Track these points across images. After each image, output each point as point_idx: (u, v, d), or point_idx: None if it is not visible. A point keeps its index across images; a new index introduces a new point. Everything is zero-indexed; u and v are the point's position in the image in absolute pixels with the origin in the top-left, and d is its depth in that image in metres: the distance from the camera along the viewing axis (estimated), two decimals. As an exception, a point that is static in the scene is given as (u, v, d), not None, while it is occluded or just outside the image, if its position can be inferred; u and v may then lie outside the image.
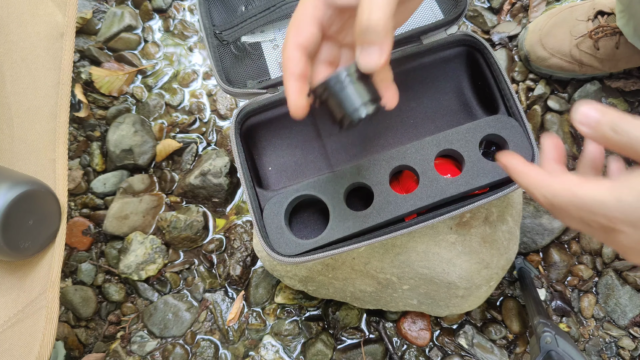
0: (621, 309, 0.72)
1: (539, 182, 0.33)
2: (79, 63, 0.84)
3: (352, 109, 0.34)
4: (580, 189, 0.30)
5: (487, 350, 0.71)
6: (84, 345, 0.74)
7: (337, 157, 0.55)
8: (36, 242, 0.50)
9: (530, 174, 0.34)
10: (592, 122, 0.30)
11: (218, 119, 0.82)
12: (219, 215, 0.78)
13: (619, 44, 0.70)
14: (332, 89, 0.34)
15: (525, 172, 0.34)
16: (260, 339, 0.73)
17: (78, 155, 0.80)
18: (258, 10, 0.54)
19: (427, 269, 0.61)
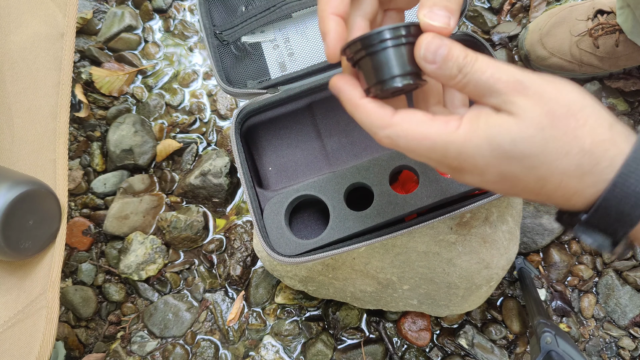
0: (621, 309, 0.72)
1: (381, 120, 0.30)
2: (79, 63, 0.84)
3: (389, 76, 0.30)
4: (430, 129, 0.29)
5: (488, 350, 0.71)
6: (84, 345, 0.74)
7: (337, 157, 0.55)
8: (36, 242, 0.50)
9: (368, 109, 0.31)
10: (439, 60, 0.28)
11: (218, 119, 0.82)
12: (219, 215, 0.78)
13: (618, 42, 0.70)
14: (373, 47, 0.29)
15: (361, 105, 0.31)
16: (260, 339, 0.73)
17: (78, 155, 0.80)
18: (258, 11, 0.54)
19: (427, 269, 0.61)
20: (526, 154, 0.28)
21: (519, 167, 0.28)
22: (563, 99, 0.28)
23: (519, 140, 0.27)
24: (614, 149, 0.27)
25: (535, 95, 0.27)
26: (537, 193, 0.29)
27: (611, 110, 0.77)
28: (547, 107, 0.27)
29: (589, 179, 0.28)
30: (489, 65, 0.28)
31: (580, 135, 0.27)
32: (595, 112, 0.28)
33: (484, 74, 0.28)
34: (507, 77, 0.28)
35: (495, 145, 0.28)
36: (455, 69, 0.28)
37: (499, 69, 0.28)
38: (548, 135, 0.27)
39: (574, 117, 0.27)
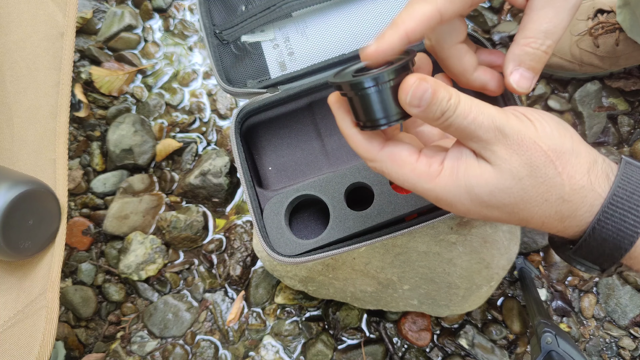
0: (621, 309, 0.72)
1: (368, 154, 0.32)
2: (79, 63, 0.84)
3: (375, 117, 0.31)
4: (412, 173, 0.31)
5: (488, 350, 0.71)
6: (84, 345, 0.74)
7: (337, 157, 0.55)
8: (36, 242, 0.50)
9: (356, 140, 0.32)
10: (424, 105, 0.29)
11: (218, 118, 0.82)
12: (219, 215, 0.78)
13: (618, 41, 0.70)
14: (360, 91, 0.31)
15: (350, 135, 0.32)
16: (260, 340, 0.73)
17: (78, 155, 0.80)
18: (258, 10, 0.54)
19: (428, 269, 0.61)
20: (505, 203, 0.29)
21: (499, 213, 0.30)
22: (542, 146, 0.28)
23: (497, 192, 0.29)
24: (591, 195, 0.28)
25: (514, 144, 0.28)
26: (524, 226, 0.31)
27: (611, 109, 0.77)
28: (525, 156, 0.28)
29: (570, 222, 0.29)
30: (471, 110, 0.29)
31: (559, 183, 0.28)
32: (574, 157, 0.29)
33: (466, 119, 0.29)
34: (488, 124, 0.28)
35: (474, 195, 0.29)
36: (439, 112, 0.29)
37: (481, 113, 0.29)
38: (526, 184, 0.28)
39: (552, 165, 0.28)
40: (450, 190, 0.30)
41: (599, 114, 0.77)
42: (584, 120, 0.76)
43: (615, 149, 0.77)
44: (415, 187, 0.31)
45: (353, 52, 0.53)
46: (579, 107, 0.77)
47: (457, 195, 0.30)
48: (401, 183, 0.31)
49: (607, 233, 0.28)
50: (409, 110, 0.30)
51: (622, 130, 0.77)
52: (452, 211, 0.31)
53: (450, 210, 0.31)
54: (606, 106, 0.77)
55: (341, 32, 0.54)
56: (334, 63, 0.53)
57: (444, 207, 0.31)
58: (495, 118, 0.29)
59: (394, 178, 0.31)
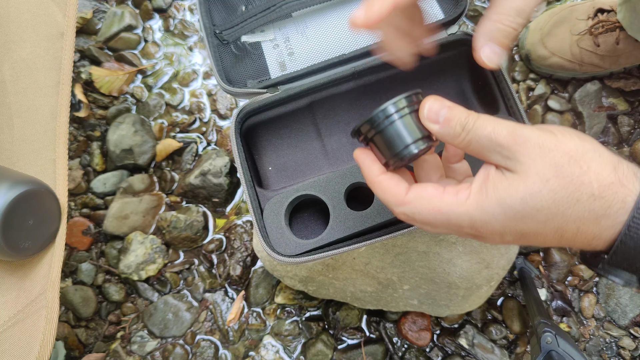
0: (622, 309, 0.72)
1: (396, 198, 0.32)
2: (79, 63, 0.84)
3: (403, 146, 0.31)
4: (442, 203, 0.30)
5: (488, 350, 0.71)
6: (84, 345, 0.74)
7: (337, 156, 0.55)
8: (36, 242, 0.50)
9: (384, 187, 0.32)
10: (442, 120, 0.30)
11: (218, 118, 0.82)
12: (219, 215, 0.78)
13: (619, 40, 0.70)
14: (381, 125, 0.31)
15: (377, 183, 0.33)
16: (260, 339, 0.73)
17: (78, 155, 0.80)
18: (258, 10, 0.54)
19: (428, 269, 0.61)
20: (538, 208, 0.28)
21: (534, 223, 0.29)
22: (563, 147, 0.28)
23: (528, 198, 0.28)
24: (622, 190, 0.28)
25: (536, 147, 0.28)
26: (558, 242, 0.30)
27: (611, 109, 0.77)
28: (549, 158, 0.28)
29: (605, 222, 0.28)
30: (490, 122, 0.29)
31: (587, 181, 0.28)
32: (597, 155, 0.28)
33: (485, 129, 0.29)
34: (507, 131, 0.29)
35: (507, 207, 0.29)
36: (459, 127, 0.30)
37: (499, 124, 0.29)
38: (555, 186, 0.28)
39: (577, 164, 0.28)
40: (483, 208, 0.29)
41: (599, 114, 0.77)
42: (584, 120, 0.76)
43: (615, 149, 0.77)
44: (448, 218, 0.30)
45: (353, 52, 0.53)
46: (579, 107, 0.77)
47: (491, 212, 0.29)
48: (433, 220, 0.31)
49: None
50: (430, 127, 0.31)
51: (622, 130, 0.77)
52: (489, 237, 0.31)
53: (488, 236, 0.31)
54: (606, 106, 0.77)
55: (341, 32, 0.54)
56: (334, 63, 0.53)
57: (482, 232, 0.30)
58: (514, 126, 0.29)
59: (424, 216, 0.31)
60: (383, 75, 0.55)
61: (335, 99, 0.55)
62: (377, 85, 0.55)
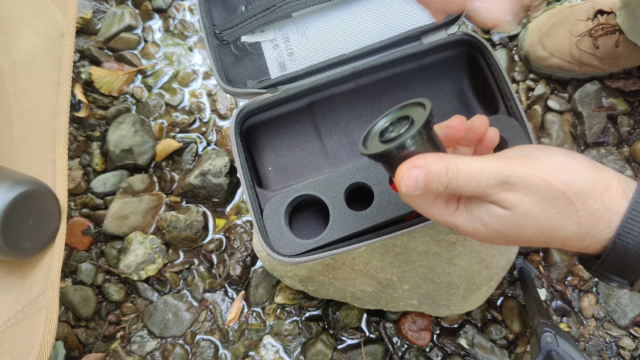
0: (621, 309, 0.72)
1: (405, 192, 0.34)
2: (79, 63, 0.84)
3: None
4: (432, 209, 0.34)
5: (488, 350, 0.71)
6: (84, 345, 0.74)
7: (337, 157, 0.55)
8: (36, 242, 0.50)
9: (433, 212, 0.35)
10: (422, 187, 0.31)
11: (218, 118, 0.82)
12: (219, 215, 0.78)
13: (618, 42, 0.70)
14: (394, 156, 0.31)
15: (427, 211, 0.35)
16: (260, 339, 0.73)
17: (78, 155, 0.80)
18: (258, 10, 0.54)
19: (428, 269, 0.61)
20: (521, 234, 0.31)
21: (519, 240, 0.32)
22: (552, 182, 0.29)
23: (511, 228, 0.31)
24: (607, 214, 0.29)
25: (523, 188, 0.30)
26: (545, 246, 0.33)
27: (611, 110, 0.77)
28: (537, 195, 0.29)
29: (590, 240, 0.30)
30: (474, 175, 0.30)
31: (573, 210, 0.30)
32: (585, 186, 0.30)
33: (470, 185, 0.30)
34: (494, 180, 0.30)
35: (491, 229, 0.31)
36: (441, 187, 0.31)
37: (483, 175, 0.30)
38: (540, 218, 0.30)
39: (564, 197, 0.29)
40: (468, 224, 0.32)
41: (598, 114, 0.77)
42: (584, 120, 0.77)
43: (615, 149, 0.77)
44: (437, 219, 0.34)
45: (353, 52, 0.53)
46: (578, 108, 0.77)
47: (475, 229, 0.32)
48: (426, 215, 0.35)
49: (628, 246, 0.29)
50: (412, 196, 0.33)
51: (621, 131, 0.77)
52: (475, 239, 0.34)
53: (474, 239, 0.34)
54: (606, 106, 0.77)
55: (341, 32, 0.54)
56: (334, 63, 0.53)
57: (468, 236, 0.34)
58: (498, 173, 0.30)
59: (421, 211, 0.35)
60: (383, 75, 0.55)
61: (335, 99, 0.55)
62: (377, 85, 0.55)
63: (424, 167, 0.30)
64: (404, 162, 0.31)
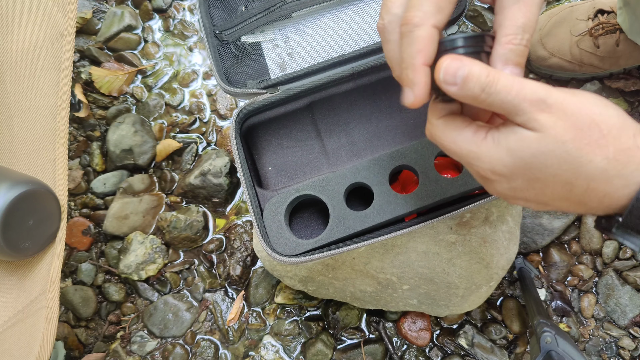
0: (621, 309, 0.72)
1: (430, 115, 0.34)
2: (79, 63, 0.84)
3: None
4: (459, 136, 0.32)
5: (487, 350, 0.71)
6: (84, 345, 0.74)
7: (337, 157, 0.55)
8: (36, 242, 0.50)
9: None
10: (460, 82, 0.29)
11: (218, 119, 0.82)
12: (219, 215, 0.78)
13: (619, 42, 0.70)
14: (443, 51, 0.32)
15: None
16: (260, 339, 0.73)
17: (78, 155, 0.80)
18: (258, 10, 0.54)
19: (427, 269, 0.61)
20: (547, 164, 0.29)
21: (542, 175, 0.30)
22: (586, 111, 0.29)
23: (539, 154, 0.29)
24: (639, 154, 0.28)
25: (559, 111, 0.28)
26: (567, 198, 0.30)
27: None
28: (570, 121, 0.28)
29: (618, 182, 0.29)
30: (513, 84, 0.29)
31: (604, 144, 0.28)
32: (619, 122, 0.29)
33: (509, 93, 0.29)
34: (531, 96, 0.29)
35: (517, 157, 0.30)
36: (478, 88, 0.29)
37: (523, 87, 0.29)
38: (570, 147, 0.28)
39: (597, 128, 0.28)
40: (493, 153, 0.30)
41: (598, 114, 0.77)
42: (584, 120, 0.76)
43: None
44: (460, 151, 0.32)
45: (353, 52, 0.53)
46: (578, 107, 0.77)
47: (498, 159, 0.30)
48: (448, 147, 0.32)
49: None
50: (447, 90, 0.30)
51: (621, 131, 0.77)
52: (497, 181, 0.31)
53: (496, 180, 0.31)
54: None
55: (341, 32, 0.54)
56: (333, 63, 0.53)
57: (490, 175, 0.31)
58: (537, 90, 0.29)
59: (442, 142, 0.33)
60: (383, 75, 0.55)
61: (335, 99, 0.55)
62: (377, 85, 0.55)
63: (468, 62, 0.29)
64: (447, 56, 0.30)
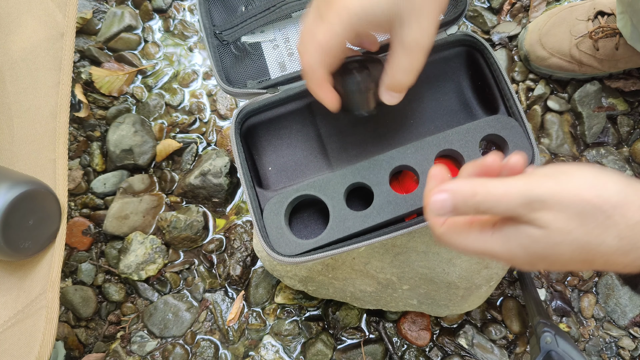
0: (621, 309, 0.72)
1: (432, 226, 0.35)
2: (79, 63, 0.84)
3: (356, 110, 0.44)
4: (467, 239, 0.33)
5: (487, 350, 0.71)
6: (84, 345, 0.74)
7: (337, 157, 0.55)
8: (36, 242, 0.50)
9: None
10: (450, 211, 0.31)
11: (218, 119, 0.82)
12: (219, 215, 0.78)
13: (618, 45, 0.70)
14: (347, 89, 0.43)
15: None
16: (260, 339, 0.73)
17: (78, 155, 0.80)
18: (258, 10, 0.54)
19: (427, 269, 0.61)
20: (561, 253, 0.29)
21: (561, 259, 0.30)
22: (584, 196, 0.28)
23: (549, 247, 0.29)
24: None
25: (555, 205, 0.28)
26: (590, 266, 0.31)
27: (611, 110, 0.77)
28: (570, 211, 0.28)
29: (635, 254, 0.29)
30: (502, 195, 0.29)
31: (611, 225, 0.28)
32: (621, 199, 0.29)
33: (499, 205, 0.29)
34: (521, 199, 0.29)
35: (531, 251, 0.30)
36: (470, 210, 0.30)
37: (512, 194, 0.29)
38: (577, 235, 0.28)
39: (599, 211, 0.28)
40: (506, 249, 0.31)
41: (598, 114, 0.77)
42: (584, 120, 0.77)
43: (615, 149, 0.77)
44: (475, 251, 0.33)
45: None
46: (578, 108, 0.77)
47: (513, 253, 0.31)
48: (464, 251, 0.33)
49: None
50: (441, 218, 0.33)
51: (621, 131, 0.77)
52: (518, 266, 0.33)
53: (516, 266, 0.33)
54: (606, 106, 0.77)
55: (341, 32, 0.54)
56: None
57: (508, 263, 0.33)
58: (527, 192, 0.29)
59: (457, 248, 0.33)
60: (383, 75, 0.54)
61: (335, 99, 0.55)
62: (377, 86, 0.55)
63: (450, 190, 0.30)
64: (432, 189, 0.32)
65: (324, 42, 0.37)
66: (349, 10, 0.35)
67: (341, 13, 0.35)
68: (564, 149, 0.77)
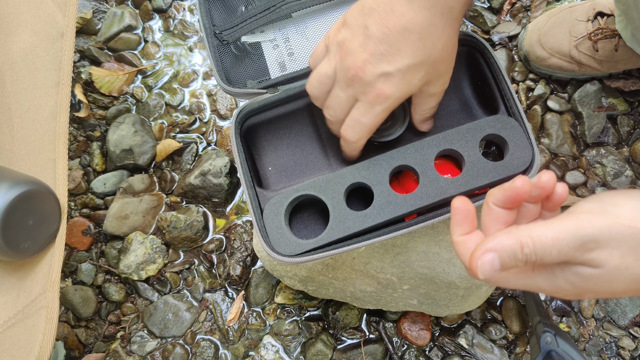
0: (621, 309, 0.72)
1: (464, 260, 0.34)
2: (79, 63, 0.84)
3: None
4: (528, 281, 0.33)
5: (487, 350, 0.71)
6: (84, 345, 0.74)
7: (337, 157, 0.55)
8: (36, 242, 0.50)
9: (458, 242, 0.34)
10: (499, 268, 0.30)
11: (218, 119, 0.82)
12: (219, 215, 0.78)
13: (617, 47, 0.70)
14: None
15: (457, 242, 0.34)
16: (260, 339, 0.73)
17: (78, 155, 0.80)
18: (258, 10, 0.54)
19: (427, 269, 0.61)
20: (615, 287, 0.29)
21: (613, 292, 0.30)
22: (637, 229, 0.28)
23: (604, 284, 0.29)
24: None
25: (609, 242, 0.28)
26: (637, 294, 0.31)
27: (611, 110, 0.77)
28: (625, 247, 0.28)
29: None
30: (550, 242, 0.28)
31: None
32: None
33: (551, 254, 0.29)
34: (573, 242, 0.28)
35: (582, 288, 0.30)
36: (520, 263, 0.29)
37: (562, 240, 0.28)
38: (635, 268, 0.28)
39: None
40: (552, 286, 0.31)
41: (598, 114, 0.77)
42: (584, 120, 0.77)
43: (615, 149, 0.77)
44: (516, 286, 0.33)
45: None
46: (578, 108, 0.77)
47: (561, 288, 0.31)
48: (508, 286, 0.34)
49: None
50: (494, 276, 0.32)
51: (621, 131, 0.77)
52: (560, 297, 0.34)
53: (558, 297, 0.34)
54: (606, 106, 0.77)
55: (341, 32, 0.54)
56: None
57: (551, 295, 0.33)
58: (578, 234, 0.28)
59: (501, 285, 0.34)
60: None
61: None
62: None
63: (495, 248, 0.29)
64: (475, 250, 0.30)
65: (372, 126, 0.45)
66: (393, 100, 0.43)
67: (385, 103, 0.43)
68: (564, 149, 0.77)
